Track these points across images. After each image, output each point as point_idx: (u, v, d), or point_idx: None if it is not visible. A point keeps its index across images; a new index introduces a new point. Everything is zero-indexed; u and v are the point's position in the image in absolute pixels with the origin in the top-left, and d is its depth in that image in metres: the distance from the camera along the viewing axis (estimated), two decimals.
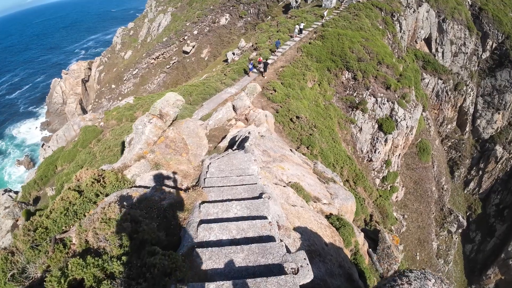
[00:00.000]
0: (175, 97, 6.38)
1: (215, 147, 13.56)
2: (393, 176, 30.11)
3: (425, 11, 40.11)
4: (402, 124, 28.20)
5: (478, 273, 46.22)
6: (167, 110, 6.36)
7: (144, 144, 6.45)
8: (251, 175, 6.02)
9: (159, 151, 6.68)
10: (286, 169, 8.82)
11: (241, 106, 16.59)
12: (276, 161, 9.00)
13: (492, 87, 43.07)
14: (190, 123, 6.66)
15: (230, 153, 8.96)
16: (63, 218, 4.93)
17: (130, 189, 5.24)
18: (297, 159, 10.75)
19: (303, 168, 10.11)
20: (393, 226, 23.96)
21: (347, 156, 22.30)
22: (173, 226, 4.16)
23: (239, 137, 11.78)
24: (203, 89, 22.75)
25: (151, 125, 6.31)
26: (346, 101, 28.39)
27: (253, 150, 8.19)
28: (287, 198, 6.46)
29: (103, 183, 5.94)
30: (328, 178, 11.85)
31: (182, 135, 6.54)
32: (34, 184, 29.71)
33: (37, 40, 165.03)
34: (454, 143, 43.05)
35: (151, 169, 6.53)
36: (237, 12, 54.89)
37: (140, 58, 60.26)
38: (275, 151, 9.60)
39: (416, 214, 34.67)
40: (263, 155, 8.89)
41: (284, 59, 28.28)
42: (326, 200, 9.05)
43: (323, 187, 10.26)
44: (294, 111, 21.54)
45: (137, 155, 6.54)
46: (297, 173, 9.17)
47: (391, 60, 30.72)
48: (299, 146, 19.79)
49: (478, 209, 45.64)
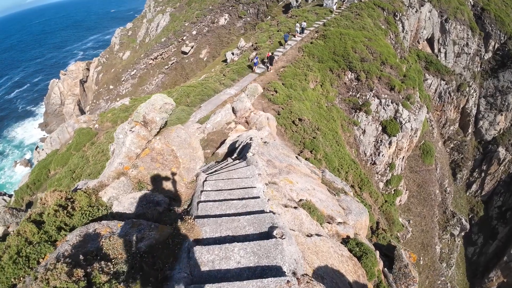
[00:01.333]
0: (163, 100, 5.14)
1: (213, 153, 12.27)
2: (397, 180, 28.91)
3: (427, 11, 38.97)
4: (407, 126, 27.02)
5: (480, 276, 45.16)
6: (153, 116, 5.10)
7: (125, 158, 5.19)
8: (256, 198, 4.74)
9: (143, 166, 5.40)
10: (295, 182, 7.55)
11: (241, 108, 15.31)
12: (282, 173, 7.72)
13: (494, 88, 42.00)
14: (181, 132, 5.42)
15: (229, 164, 7.69)
16: (12, 267, 3.63)
17: (100, 223, 3.96)
18: (304, 168, 9.45)
19: (312, 180, 8.83)
20: (399, 233, 22.77)
21: (352, 160, 21.08)
22: (151, 284, 2.91)
23: (239, 143, 10.50)
24: (201, 90, 21.47)
25: (133, 134, 5.04)
26: (349, 102, 27.16)
27: (257, 161, 6.92)
28: (301, 225, 5.20)
29: (71, 210, 4.65)
30: (339, 189, 10.60)
31: (171, 146, 5.30)
32: (26, 189, 28.31)
33: (36, 41, 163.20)
34: (457, 145, 41.94)
35: (133, 189, 5.24)
36: (236, 12, 53.62)
37: (138, 58, 58.89)
38: (280, 161, 8.31)
39: (420, 218, 33.51)
40: (268, 166, 7.61)
41: (285, 59, 27.02)
42: (340, 218, 7.78)
43: (335, 201, 8.99)
44: (297, 113, 20.29)
45: (116, 172, 5.27)
46: (306, 186, 7.89)
47: (395, 61, 29.54)
48: (302, 150, 18.54)
49: (481, 212, 44.57)
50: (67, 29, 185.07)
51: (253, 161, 6.86)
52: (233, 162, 7.55)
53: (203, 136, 14.77)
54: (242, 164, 6.93)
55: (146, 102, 5.26)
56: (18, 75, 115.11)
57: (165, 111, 5.33)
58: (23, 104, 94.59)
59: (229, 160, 8.33)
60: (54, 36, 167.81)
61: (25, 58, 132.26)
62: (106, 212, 4.85)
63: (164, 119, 5.41)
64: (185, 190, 5.57)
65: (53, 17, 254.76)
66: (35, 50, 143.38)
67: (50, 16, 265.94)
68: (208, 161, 11.74)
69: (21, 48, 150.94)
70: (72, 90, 77.10)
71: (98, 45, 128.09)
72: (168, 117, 5.65)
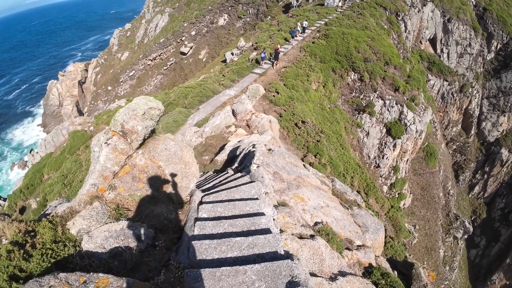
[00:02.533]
0: (147, 105, 4.02)
1: (212, 160, 11.12)
2: (401, 183, 27.83)
3: (429, 11, 37.95)
4: (412, 128, 25.95)
5: (483, 279, 44.16)
6: (133, 125, 3.95)
7: (99, 178, 4.06)
8: (266, 234, 3.59)
9: (122, 187, 4.26)
10: (306, 199, 6.42)
11: (242, 111, 14.17)
12: (292, 187, 6.59)
13: (497, 89, 41.02)
14: (170, 143, 4.30)
15: (230, 177, 6.55)
16: None
17: (57, 277, 2.82)
18: (314, 179, 8.33)
19: (323, 193, 7.71)
20: (405, 239, 21.68)
21: (357, 164, 19.96)
22: None
23: (240, 150, 9.36)
24: (200, 91, 20.32)
25: (108, 148, 3.92)
26: (352, 103, 26.07)
27: (262, 175, 5.78)
28: (321, 263, 4.07)
29: (30, 249, 3.55)
30: (351, 202, 9.50)
31: (158, 162, 4.18)
32: (20, 194, 27.08)
33: (36, 41, 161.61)
34: (459, 147, 40.92)
35: (109, 217, 4.10)
36: (235, 13, 52.48)
37: (136, 59, 57.66)
38: (288, 172, 7.18)
39: (424, 221, 32.44)
40: (275, 179, 6.47)
41: (286, 59, 25.90)
42: (359, 240, 6.66)
43: (350, 218, 7.88)
44: (299, 115, 19.16)
45: (89, 195, 4.13)
46: (319, 203, 6.78)
47: (399, 61, 28.48)
48: (306, 155, 17.42)
49: (483, 214, 43.55)
50: (66, 30, 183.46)
51: (258, 176, 5.72)
52: (234, 175, 6.41)
53: (201, 140, 13.63)
54: (245, 179, 5.79)
55: (125, 107, 4.12)
56: (18, 75, 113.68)
57: (150, 117, 4.19)
58: (22, 105, 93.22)
59: (229, 171, 7.19)
60: (54, 37, 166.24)
61: (24, 59, 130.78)
62: (74, 250, 3.71)
63: (149, 128, 4.28)
64: (176, 216, 4.43)
65: (53, 18, 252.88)
66: (35, 50, 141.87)
67: (50, 17, 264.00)
68: (206, 169, 10.60)
69: (21, 48, 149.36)
70: (70, 91, 75.75)
71: (97, 46, 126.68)
72: (155, 125, 4.52)
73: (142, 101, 4.15)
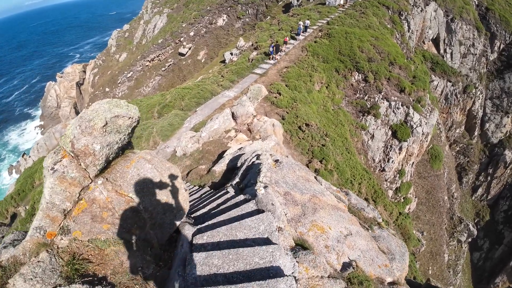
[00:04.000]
0: (111, 112, 2.59)
1: (209, 171, 9.76)
2: (406, 187, 26.57)
3: (432, 10, 36.75)
4: (418, 131, 24.69)
5: (486, 282, 42.97)
6: (86, 143, 2.42)
7: (45, 219, 2.75)
8: None
9: (79, 231, 2.93)
10: (326, 227, 5.11)
11: (242, 114, 12.83)
12: (307, 212, 5.27)
13: (500, 90, 39.87)
14: (144, 167, 2.90)
15: (230, 200, 5.22)
16: None
17: None
18: (329, 195, 7.04)
19: (342, 214, 6.42)
20: (414, 248, 20.41)
21: (364, 169, 18.67)
22: None
23: (242, 161, 8.01)
24: (197, 92, 18.97)
25: (54, 177, 2.58)
26: (357, 105, 24.79)
27: (272, 202, 4.47)
28: None
29: None
30: (370, 220, 8.21)
31: (127, 194, 2.86)
32: (11, 200, 25.62)
33: (35, 42, 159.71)
34: (463, 148, 39.73)
35: (61, 274, 2.77)
36: (234, 13, 51.15)
37: (135, 60, 56.22)
38: (301, 191, 5.86)
39: (428, 225, 31.21)
40: (287, 203, 5.15)
41: (288, 58, 24.60)
42: (389, 277, 5.38)
43: (374, 243, 6.57)
44: (303, 118, 17.85)
45: (34, 242, 2.81)
46: (341, 230, 5.48)
47: (404, 61, 27.23)
48: (311, 160, 16.12)
49: (486, 216, 42.36)
50: (66, 31, 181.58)
51: (266, 202, 4.39)
52: (236, 198, 5.06)
53: (198, 146, 12.28)
54: (250, 206, 4.45)
55: (78, 116, 2.76)
56: (17, 77, 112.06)
57: (117, 130, 2.83)
58: (21, 106, 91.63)
59: (229, 191, 5.85)
60: (53, 38, 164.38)
61: (24, 60, 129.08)
62: None
63: (115, 145, 2.90)
64: (154, 272, 3.08)
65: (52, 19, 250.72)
66: (34, 52, 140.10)
67: (49, 18, 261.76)
68: (203, 180, 9.25)
69: (20, 49, 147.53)
70: (68, 93, 74.21)
71: (96, 48, 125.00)
72: (127, 139, 3.16)
73: (103, 106, 2.79)
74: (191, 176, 9.76)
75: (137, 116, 3.28)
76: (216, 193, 6.07)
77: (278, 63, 23.56)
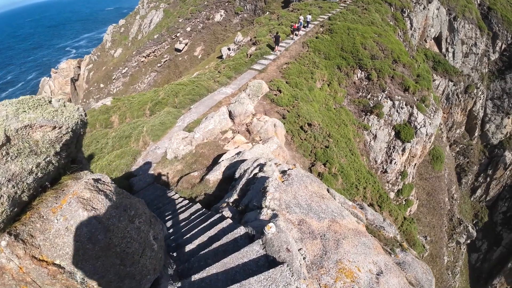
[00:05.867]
0: (17, 120, 1.27)
1: (202, 179, 8.33)
2: (408, 189, 25.44)
3: (435, 8, 35.50)
4: (422, 131, 23.50)
5: (484, 283, 42.32)
6: None
7: None
8: None
9: None
10: (355, 270, 3.77)
11: (241, 113, 11.41)
12: (329, 248, 3.93)
13: (501, 90, 38.90)
14: (77, 214, 1.60)
15: (227, 236, 3.85)
16: None
17: None
18: (347, 215, 5.70)
19: (366, 242, 5.09)
20: (419, 254, 19.26)
21: (368, 172, 17.42)
22: None
23: (241, 172, 6.60)
24: (192, 89, 17.49)
25: None
26: (359, 104, 23.50)
27: (288, 244, 3.11)
28: None
29: None
30: (391, 242, 6.96)
31: (51, 260, 1.52)
32: None
33: (30, 38, 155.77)
34: (462, 149, 38.77)
35: None
36: (232, 8, 49.44)
37: (130, 56, 54.29)
38: (318, 215, 4.53)
39: (429, 228, 30.20)
40: (303, 237, 3.82)
41: (288, 54, 23.17)
42: None
43: (403, 276, 5.30)
44: (305, 117, 16.49)
45: None
46: (370, 268, 4.18)
47: (407, 59, 25.97)
48: (314, 163, 14.78)
49: (485, 217, 41.60)
50: (61, 26, 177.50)
51: (279, 247, 3.00)
52: (234, 232, 3.67)
53: (191, 148, 10.84)
54: (256, 250, 3.07)
55: None
56: (11, 73, 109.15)
57: (32, 150, 1.43)
58: None
59: (225, 216, 4.46)
60: (48, 34, 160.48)
61: (18, 56, 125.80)
62: None
63: (28, 179, 1.49)
64: None
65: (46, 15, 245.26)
66: (29, 47, 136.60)
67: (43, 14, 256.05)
68: (194, 191, 7.82)
69: (15, 45, 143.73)
70: (63, 89, 71.92)
71: (92, 43, 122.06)
72: (54, 162, 1.74)
73: (6, 110, 1.39)
74: (182, 184, 8.32)
75: (71, 123, 1.86)
76: (208, 216, 4.67)
77: (278, 59, 22.15)
